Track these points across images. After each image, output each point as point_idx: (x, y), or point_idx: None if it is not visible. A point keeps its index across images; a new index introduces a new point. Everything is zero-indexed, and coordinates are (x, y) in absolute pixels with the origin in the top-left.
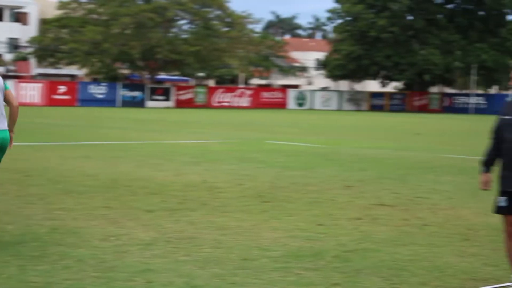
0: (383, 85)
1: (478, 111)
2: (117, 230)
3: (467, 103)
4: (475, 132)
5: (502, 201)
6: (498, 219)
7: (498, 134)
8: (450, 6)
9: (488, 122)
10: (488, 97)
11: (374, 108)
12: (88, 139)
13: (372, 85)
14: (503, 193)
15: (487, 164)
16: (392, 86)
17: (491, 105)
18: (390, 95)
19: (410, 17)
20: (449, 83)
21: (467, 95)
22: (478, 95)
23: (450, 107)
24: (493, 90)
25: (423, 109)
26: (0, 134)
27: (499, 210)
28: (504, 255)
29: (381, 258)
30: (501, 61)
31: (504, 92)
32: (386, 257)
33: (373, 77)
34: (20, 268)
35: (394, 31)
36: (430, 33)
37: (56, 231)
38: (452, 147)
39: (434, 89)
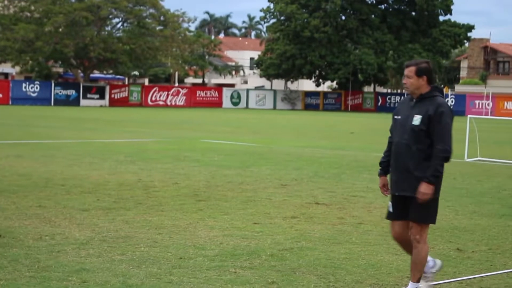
0: (318, 85)
1: None
2: (51, 230)
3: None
4: None
5: (389, 206)
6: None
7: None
8: (382, 6)
9: None
10: None
11: (309, 107)
12: (21, 138)
13: (307, 84)
14: (391, 197)
15: (383, 166)
16: (327, 86)
17: None
18: (325, 94)
19: (343, 17)
20: (382, 83)
21: (400, 94)
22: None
23: (384, 106)
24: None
25: (357, 108)
26: None
27: (388, 215)
28: (437, 252)
29: (317, 257)
30: (433, 61)
31: None
32: (321, 255)
33: (308, 76)
34: None
35: (327, 31)
36: (363, 33)
37: None
38: (385, 145)
39: (368, 89)
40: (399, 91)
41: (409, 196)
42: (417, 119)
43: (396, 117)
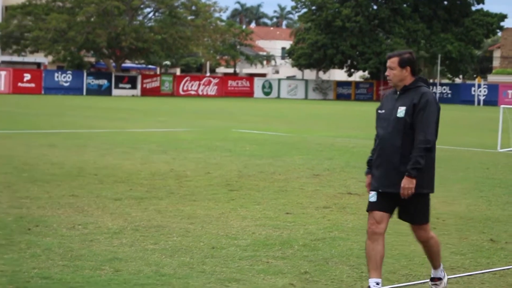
0: (349, 74)
1: (443, 100)
2: (84, 219)
3: (433, 93)
4: (440, 121)
5: (372, 195)
6: (465, 208)
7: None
8: None
9: (453, 112)
10: (453, 86)
11: (340, 97)
12: (53, 127)
13: (338, 74)
14: (377, 192)
15: (370, 165)
16: (358, 75)
17: (456, 95)
18: (356, 84)
19: (374, 7)
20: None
21: (432, 84)
22: (443, 84)
23: None
24: (459, 79)
25: None
26: None
27: (368, 205)
28: (470, 243)
29: (350, 247)
30: (466, 51)
31: (469, 82)
32: (354, 245)
33: (339, 66)
34: None
35: (359, 21)
36: (395, 23)
37: (23, 219)
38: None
39: None
40: (431, 80)
41: (396, 193)
42: (401, 111)
43: (379, 111)
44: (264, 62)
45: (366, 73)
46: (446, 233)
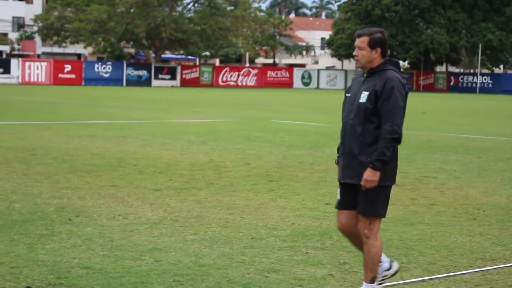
0: None
1: (484, 90)
2: (124, 209)
3: (473, 83)
4: (481, 111)
5: (337, 193)
6: (506, 199)
7: None
8: None
9: (494, 102)
10: (493, 76)
11: None
12: (93, 118)
13: None
14: (339, 184)
15: (339, 152)
16: None
17: (497, 85)
18: None
19: None
20: (454, 63)
21: (473, 74)
22: (483, 74)
23: (457, 87)
24: (499, 69)
25: (429, 88)
26: None
27: (336, 204)
28: (511, 234)
29: (389, 238)
30: (507, 40)
31: (510, 72)
32: (394, 236)
33: None
34: (28, 247)
35: (398, 10)
36: (436, 12)
37: (64, 209)
38: (458, 126)
39: (440, 69)
40: (472, 71)
41: (356, 184)
42: (363, 96)
43: (347, 94)
44: (304, 53)
45: (406, 63)
46: (486, 224)
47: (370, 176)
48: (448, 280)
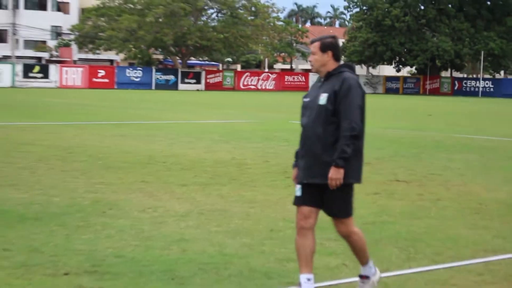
0: (398, 70)
1: (486, 94)
2: (153, 203)
3: (476, 87)
4: (483, 113)
5: (297, 189)
6: (506, 194)
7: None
8: None
9: (495, 105)
10: (495, 81)
11: (389, 91)
12: (125, 118)
13: (387, 70)
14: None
15: (297, 156)
16: (406, 71)
17: (498, 89)
18: (404, 79)
19: (422, 7)
20: (458, 68)
21: (475, 79)
22: (485, 79)
23: (460, 91)
24: (500, 75)
25: (435, 92)
26: None
27: (295, 200)
28: (511, 228)
29: (398, 230)
30: (507, 48)
31: (510, 77)
32: (402, 229)
33: (388, 62)
34: (66, 237)
35: (407, 20)
36: (441, 22)
37: (98, 203)
38: (462, 127)
39: (445, 74)
40: (474, 76)
41: (321, 184)
42: (323, 98)
43: (305, 99)
44: None
45: (413, 69)
46: (488, 218)
47: (334, 174)
48: (453, 270)
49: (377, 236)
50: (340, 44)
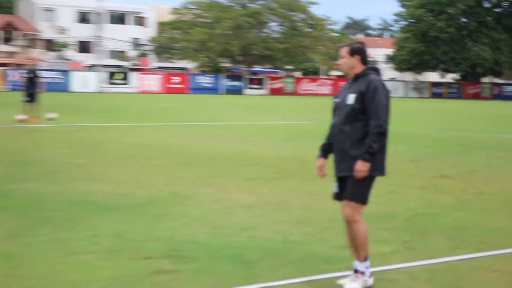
0: (442, 76)
1: None
2: (224, 195)
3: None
4: None
5: (334, 187)
6: None
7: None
8: (498, 10)
9: None
10: None
11: (435, 95)
12: (198, 120)
13: (433, 76)
14: (336, 178)
15: (322, 149)
16: (450, 77)
17: None
18: (448, 84)
19: (464, 20)
20: (497, 75)
21: None
22: None
23: (499, 95)
24: None
25: (476, 96)
26: None
27: (333, 196)
28: None
29: (444, 221)
30: None
31: None
32: (448, 220)
33: (433, 69)
34: (147, 225)
35: (450, 31)
36: (481, 33)
37: (176, 195)
38: (501, 128)
39: (485, 80)
40: None
41: (347, 176)
42: (350, 98)
43: (335, 100)
44: None
45: (456, 75)
46: None
47: (360, 167)
48: (495, 257)
49: (425, 226)
50: (390, 53)
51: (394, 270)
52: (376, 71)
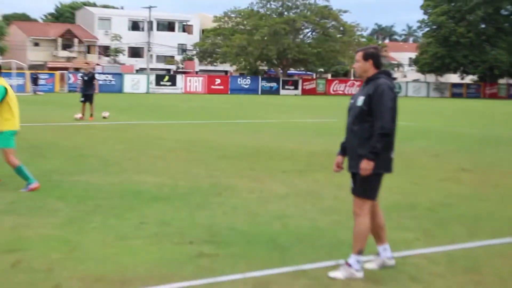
0: (462, 78)
1: None
2: (259, 186)
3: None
4: None
5: (350, 182)
6: None
7: None
8: None
9: None
10: None
11: (455, 95)
12: (237, 118)
13: (453, 78)
14: (350, 174)
15: (341, 147)
16: (469, 79)
17: None
18: (467, 85)
19: (483, 26)
20: None
21: None
22: None
23: None
24: None
25: (494, 96)
26: None
27: (350, 190)
28: None
29: (463, 211)
30: None
31: None
32: (466, 210)
33: (454, 71)
34: (190, 213)
35: (470, 36)
36: (499, 38)
37: (215, 186)
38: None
39: (502, 81)
40: None
41: (356, 173)
42: (360, 100)
43: (350, 101)
44: (395, 69)
45: (475, 77)
46: None
47: (364, 165)
48: (510, 244)
49: (445, 215)
50: (413, 57)
51: (416, 255)
52: (388, 74)
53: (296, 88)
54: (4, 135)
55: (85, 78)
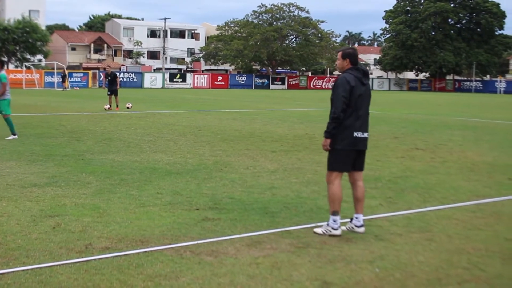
0: (417, 75)
1: (477, 91)
2: (253, 163)
3: (470, 86)
4: (476, 104)
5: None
6: (492, 158)
7: None
8: (459, 25)
9: (483, 98)
10: (483, 82)
11: (411, 89)
12: (235, 108)
13: (410, 75)
14: None
15: None
16: (422, 75)
17: (485, 87)
18: (421, 81)
19: (433, 33)
20: (458, 73)
21: (470, 80)
22: (476, 80)
23: (459, 88)
24: (486, 77)
25: (442, 89)
26: None
27: None
28: (495, 181)
29: (417, 182)
30: (492, 60)
31: (493, 79)
32: (420, 181)
33: (410, 69)
34: (197, 185)
35: (422, 41)
36: (446, 42)
37: (217, 163)
38: (461, 113)
39: (449, 77)
40: (469, 78)
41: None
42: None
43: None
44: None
45: (427, 74)
46: (479, 174)
47: (322, 142)
48: (455, 209)
49: (403, 186)
50: (377, 58)
51: (379, 218)
52: (356, 70)
53: (283, 83)
54: None
55: (108, 78)
